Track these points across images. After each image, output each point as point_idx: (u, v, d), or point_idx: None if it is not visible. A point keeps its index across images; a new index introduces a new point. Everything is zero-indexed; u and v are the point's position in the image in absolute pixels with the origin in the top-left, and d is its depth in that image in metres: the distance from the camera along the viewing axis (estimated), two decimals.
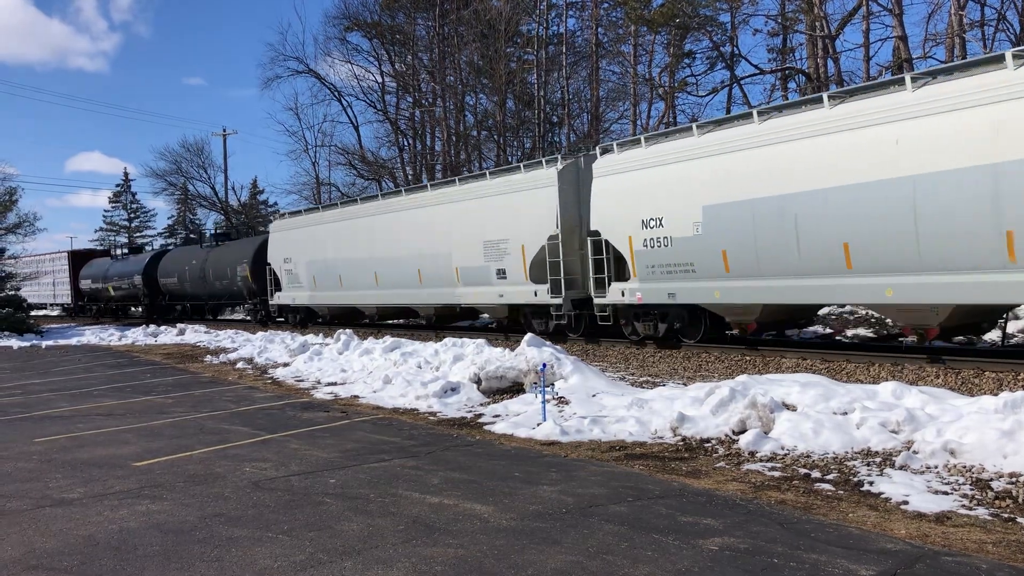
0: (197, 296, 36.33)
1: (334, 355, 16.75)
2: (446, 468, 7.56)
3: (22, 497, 7.10)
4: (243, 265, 31.39)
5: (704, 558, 4.95)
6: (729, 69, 30.87)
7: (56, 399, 13.82)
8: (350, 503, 6.45)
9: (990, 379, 10.90)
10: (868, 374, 12.04)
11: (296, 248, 28.28)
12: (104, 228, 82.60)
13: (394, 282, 23.39)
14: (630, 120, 34.95)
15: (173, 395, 13.71)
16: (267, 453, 8.55)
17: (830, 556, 4.90)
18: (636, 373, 13.53)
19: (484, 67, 38.91)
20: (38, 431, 10.55)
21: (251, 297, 31.74)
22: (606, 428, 8.93)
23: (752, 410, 8.41)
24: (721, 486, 6.63)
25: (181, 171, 57.55)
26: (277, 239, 29.78)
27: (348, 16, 44.53)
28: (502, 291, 19.81)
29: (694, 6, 29.49)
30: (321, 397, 12.73)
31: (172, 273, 37.56)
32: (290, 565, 5.08)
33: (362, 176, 45.47)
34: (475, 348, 13.84)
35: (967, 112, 11.06)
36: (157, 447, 9.11)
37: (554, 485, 6.81)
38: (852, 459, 7.22)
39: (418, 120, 43.71)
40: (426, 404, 11.21)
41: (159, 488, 7.19)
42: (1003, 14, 24.32)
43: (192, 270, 35.51)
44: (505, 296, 19.78)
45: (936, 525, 5.50)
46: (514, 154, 39.14)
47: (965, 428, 7.09)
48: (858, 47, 27.75)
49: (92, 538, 5.82)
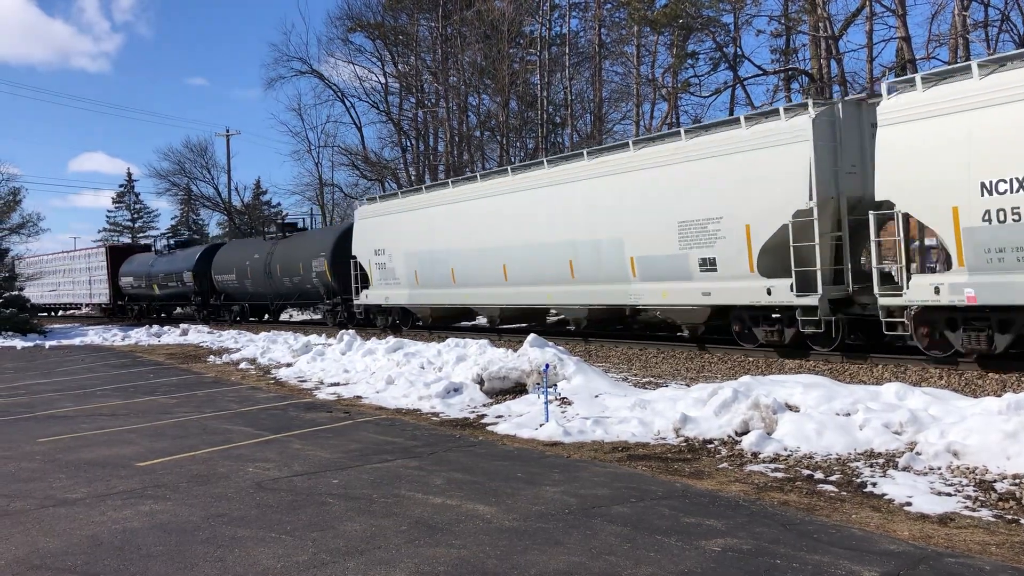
0: (260, 295, 32.17)
1: (337, 355, 16.76)
2: (449, 469, 7.56)
3: (26, 497, 7.11)
4: (320, 259, 27.22)
5: (707, 559, 4.95)
6: (732, 70, 30.84)
7: (60, 399, 13.84)
8: (353, 503, 6.45)
9: (993, 380, 10.88)
10: (871, 375, 12.03)
11: (391, 237, 23.99)
12: (107, 228, 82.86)
13: (532, 277, 19.02)
14: (633, 121, 34.95)
15: (176, 395, 13.73)
16: (270, 453, 8.56)
17: (833, 557, 4.89)
18: (639, 374, 13.53)
19: (487, 68, 38.92)
20: (42, 431, 10.57)
21: (329, 296, 27.57)
22: (609, 429, 8.93)
23: (755, 411, 8.41)
24: (724, 487, 6.63)
25: (184, 171, 57.70)
26: (365, 227, 25.49)
27: (351, 17, 44.62)
28: (708, 288, 15.05)
29: (697, 7, 29.46)
30: (324, 397, 12.74)
31: (229, 269, 33.49)
32: (293, 565, 5.09)
33: (365, 177, 45.55)
34: (478, 348, 13.86)
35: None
36: (160, 447, 9.12)
37: (557, 486, 6.81)
38: (855, 460, 7.22)
39: (421, 121, 43.74)
40: (429, 405, 11.22)
41: (162, 488, 7.20)
42: (1007, 15, 24.28)
43: (255, 266, 31.49)
44: (714, 295, 14.98)
45: (939, 526, 5.49)
46: (517, 155, 39.16)
47: (968, 429, 7.08)
48: (861, 48, 27.78)
49: (96, 538, 5.83)
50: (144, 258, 42.27)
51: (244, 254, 33.00)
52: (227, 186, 56.46)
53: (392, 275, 24.11)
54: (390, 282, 24.29)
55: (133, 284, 41.58)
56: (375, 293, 24.98)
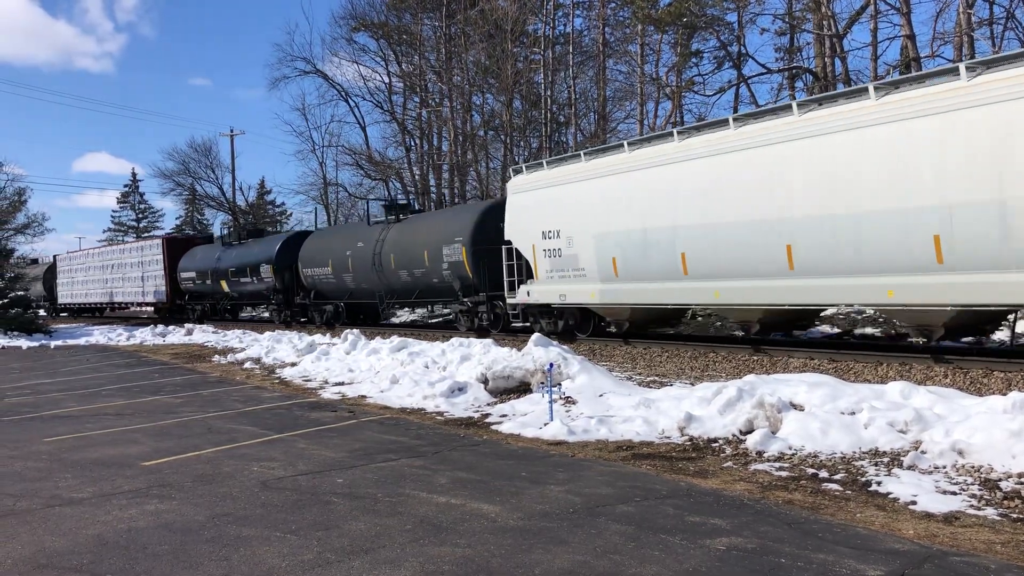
0: (364, 292, 26.69)
1: (341, 355, 16.78)
2: (453, 468, 7.57)
3: (32, 496, 7.13)
4: (455, 245, 21.71)
5: (712, 558, 4.95)
6: (736, 68, 30.82)
7: (65, 399, 13.88)
8: (358, 503, 6.46)
9: (999, 379, 10.86)
10: (876, 374, 12.01)
11: (571, 214, 18.05)
12: (112, 228, 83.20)
13: (847, 264, 12.82)
14: (637, 120, 34.92)
15: (181, 395, 13.75)
16: (275, 453, 8.57)
17: (838, 556, 4.89)
18: (643, 373, 13.52)
19: (491, 67, 38.91)
20: (47, 431, 10.60)
21: (467, 292, 21.99)
22: (613, 428, 8.93)
23: (759, 410, 8.40)
24: (728, 486, 6.63)
25: (189, 171, 57.84)
26: (525, 203, 19.42)
27: (355, 16, 44.69)
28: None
29: (701, 5, 29.45)
30: (328, 397, 12.75)
31: (322, 261, 28.02)
32: (298, 564, 5.10)
33: (369, 176, 45.58)
34: (482, 348, 13.87)
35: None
36: (166, 447, 9.14)
37: (561, 485, 6.81)
38: (860, 459, 7.21)
39: (425, 120, 43.76)
40: (433, 404, 11.23)
41: (168, 488, 7.22)
42: (1012, 12, 24.21)
43: (358, 256, 26.04)
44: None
45: (944, 525, 5.48)
46: (521, 154, 39.14)
47: (973, 428, 7.07)
48: (866, 46, 27.73)
49: (101, 537, 5.84)
50: (208, 250, 36.97)
51: (343, 242, 27.34)
52: (231, 186, 56.46)
53: (571, 265, 18.08)
54: (567, 274, 18.21)
55: (195, 280, 36.52)
56: (542, 289, 18.93)
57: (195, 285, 36.71)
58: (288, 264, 29.87)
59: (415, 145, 44.29)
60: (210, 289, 35.59)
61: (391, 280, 24.83)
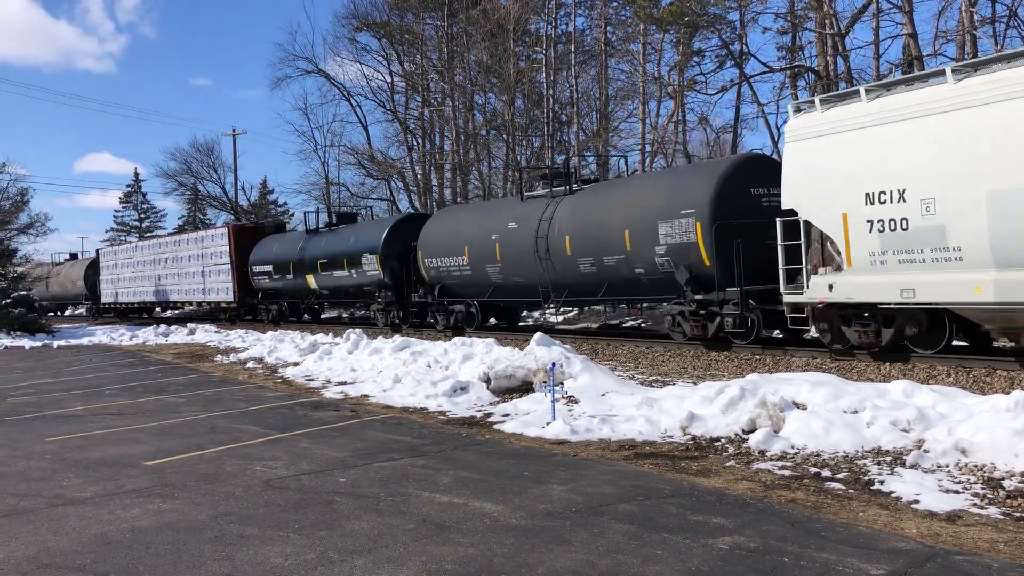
0: (516, 288, 20.52)
1: (344, 354, 16.80)
2: (456, 467, 7.58)
3: (35, 496, 7.15)
4: (677, 222, 15.57)
5: (714, 557, 4.95)
6: (738, 67, 30.77)
7: (68, 398, 13.90)
8: (360, 502, 6.47)
9: (1002, 378, 10.83)
10: (879, 373, 12.00)
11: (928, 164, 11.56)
12: (115, 228, 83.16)
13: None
14: (639, 119, 34.92)
15: (184, 394, 13.77)
16: (278, 452, 8.58)
17: (840, 555, 4.89)
18: (645, 372, 13.52)
19: (493, 66, 38.91)
20: (50, 430, 10.62)
21: (698, 289, 15.56)
22: (616, 427, 8.93)
23: (762, 409, 8.40)
24: (731, 485, 6.63)
25: (191, 171, 57.93)
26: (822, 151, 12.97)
27: (357, 16, 44.68)
28: None
29: (703, 4, 29.41)
30: (331, 396, 12.76)
31: (453, 248, 21.98)
32: (301, 564, 5.10)
33: (371, 176, 45.55)
34: (484, 347, 13.88)
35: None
36: (168, 446, 9.15)
37: (564, 484, 6.81)
38: (863, 458, 7.20)
39: (427, 120, 43.77)
40: (436, 403, 11.24)
41: (171, 487, 7.23)
42: (1014, 10, 24.15)
43: (511, 241, 19.95)
44: None
45: (947, 524, 5.48)
46: (523, 153, 39.14)
47: (976, 427, 7.07)
48: (868, 45, 27.68)
49: (104, 536, 5.85)
50: (287, 239, 31.49)
51: (486, 224, 21.20)
52: (234, 186, 56.46)
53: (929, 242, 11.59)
54: (917, 257, 11.78)
55: (273, 275, 30.49)
56: (861, 281, 12.57)
57: (271, 281, 30.72)
58: (399, 253, 24.11)
59: (417, 144, 44.30)
60: (292, 285, 29.67)
61: (564, 272, 18.62)
